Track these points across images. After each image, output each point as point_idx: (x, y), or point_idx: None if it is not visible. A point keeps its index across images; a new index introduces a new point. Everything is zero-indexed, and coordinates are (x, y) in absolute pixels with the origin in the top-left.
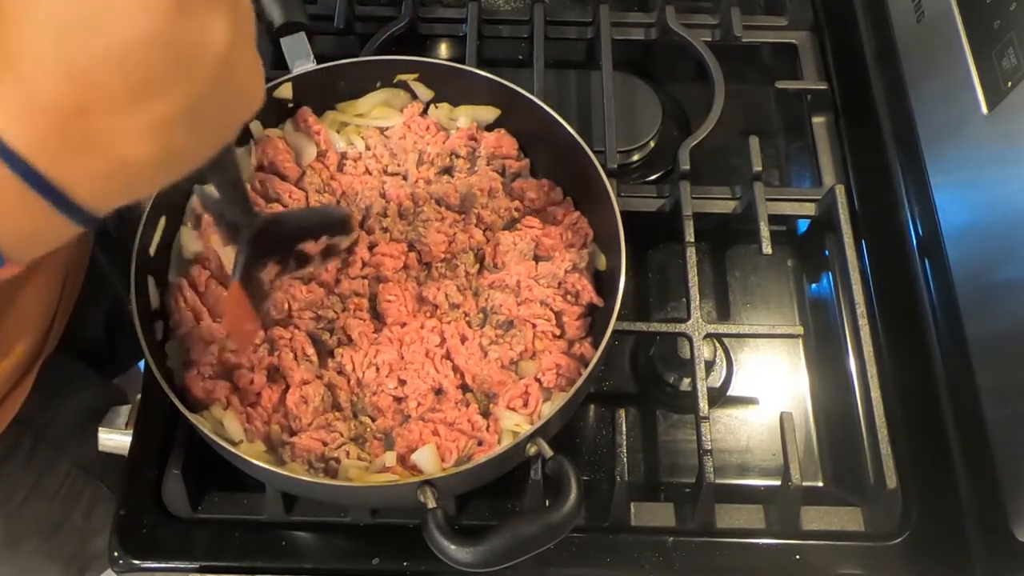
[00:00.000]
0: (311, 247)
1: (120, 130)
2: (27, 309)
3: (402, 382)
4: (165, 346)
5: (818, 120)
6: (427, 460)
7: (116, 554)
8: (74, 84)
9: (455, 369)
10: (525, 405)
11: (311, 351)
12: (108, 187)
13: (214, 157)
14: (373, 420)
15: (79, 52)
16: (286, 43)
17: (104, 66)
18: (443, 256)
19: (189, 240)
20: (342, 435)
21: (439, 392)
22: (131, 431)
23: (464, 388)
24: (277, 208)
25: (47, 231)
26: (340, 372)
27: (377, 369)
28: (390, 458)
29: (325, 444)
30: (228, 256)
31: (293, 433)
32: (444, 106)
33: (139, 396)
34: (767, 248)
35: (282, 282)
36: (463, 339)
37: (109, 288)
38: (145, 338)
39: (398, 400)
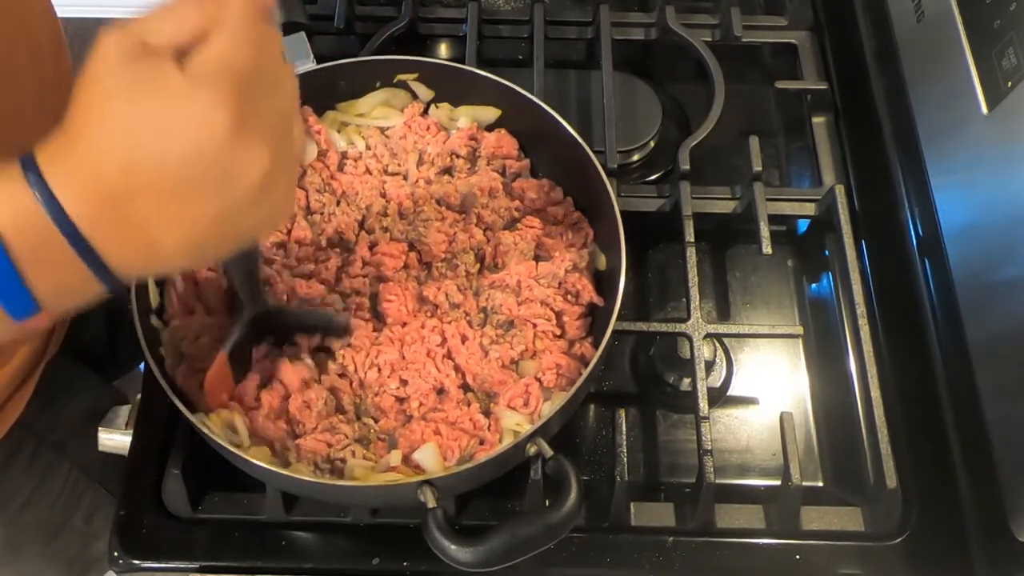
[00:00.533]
0: (304, 340)
1: (157, 219)
2: None
3: (404, 382)
4: (161, 340)
5: (818, 120)
6: (429, 458)
7: (116, 554)
8: (128, 174)
9: (456, 369)
10: (526, 404)
11: (309, 361)
12: (138, 261)
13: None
14: (376, 421)
15: (140, 149)
16: (286, 43)
17: (157, 166)
18: (443, 256)
19: None
20: (347, 436)
21: (441, 392)
22: (131, 431)
23: (465, 388)
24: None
25: (79, 289)
26: (342, 375)
27: (379, 370)
28: (395, 457)
29: (330, 446)
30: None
31: (297, 436)
32: (445, 106)
33: (139, 396)
34: (767, 248)
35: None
36: (464, 339)
37: None
38: (145, 337)
39: (400, 400)
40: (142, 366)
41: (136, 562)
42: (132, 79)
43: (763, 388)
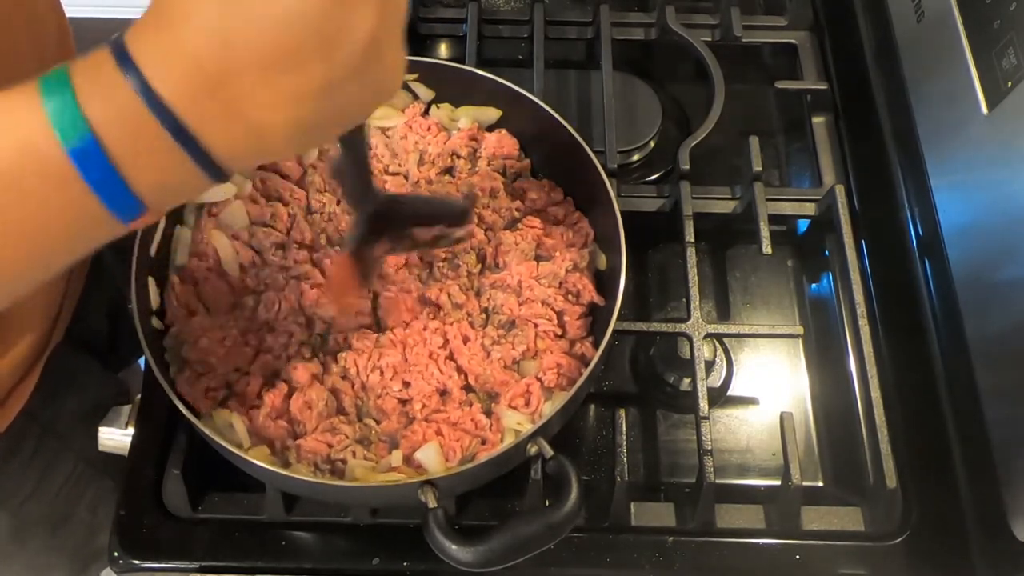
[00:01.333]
0: (423, 233)
1: (260, 97)
2: (34, 300)
3: (406, 384)
4: (164, 343)
5: (818, 120)
6: (431, 458)
7: (116, 554)
8: (227, 49)
9: (459, 370)
10: (527, 404)
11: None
12: (243, 148)
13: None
14: (378, 423)
15: (237, 21)
16: None
17: (257, 37)
18: (445, 255)
19: (186, 240)
20: (347, 437)
21: (443, 393)
22: (131, 431)
23: (467, 388)
24: (287, 206)
25: (183, 183)
26: (344, 376)
27: (381, 372)
28: (396, 458)
29: (330, 446)
30: (225, 253)
31: (297, 436)
32: (445, 106)
33: (139, 396)
34: (767, 248)
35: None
36: (465, 340)
37: (111, 279)
38: (145, 337)
39: (403, 402)
40: (142, 362)
41: (136, 562)
42: None
43: (763, 388)
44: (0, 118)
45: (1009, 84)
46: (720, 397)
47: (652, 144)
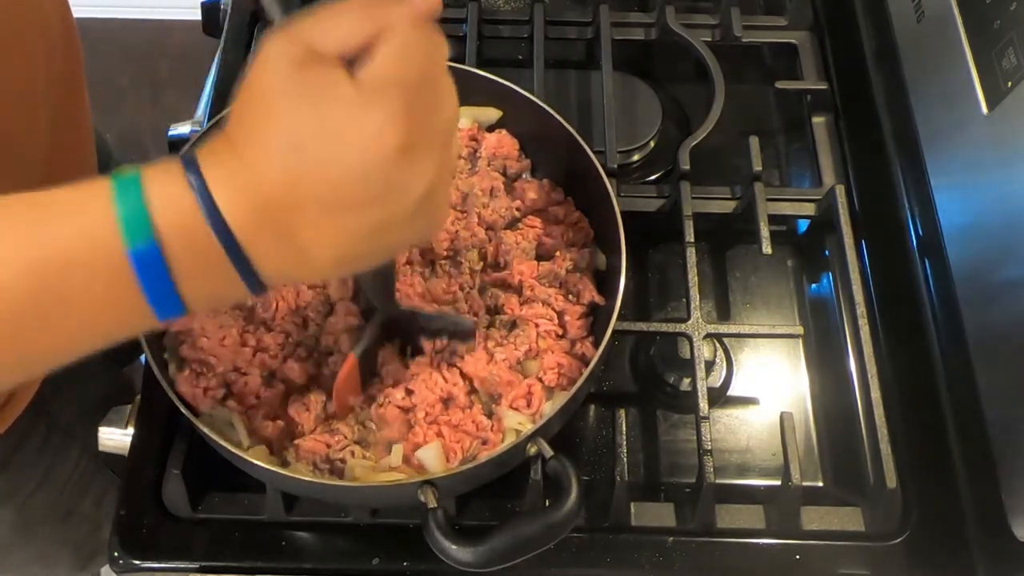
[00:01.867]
0: (430, 344)
1: (315, 231)
2: None
3: (409, 392)
4: (163, 342)
5: (818, 120)
6: (432, 457)
7: (116, 554)
8: (295, 186)
9: (463, 375)
10: (528, 405)
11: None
12: (288, 272)
13: None
14: (379, 430)
15: (309, 161)
16: None
17: (326, 179)
18: (446, 253)
19: None
20: (346, 437)
21: (447, 400)
22: (131, 431)
23: (472, 392)
24: None
25: (225, 293)
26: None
27: (381, 379)
28: (396, 457)
29: (329, 446)
30: None
31: (295, 437)
32: None
33: (139, 396)
34: (767, 248)
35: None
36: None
37: None
38: (145, 336)
39: (405, 411)
40: (143, 359)
41: (136, 562)
42: (303, 88)
43: (763, 388)
44: (68, 205)
45: (1009, 84)
46: (720, 397)
47: (652, 144)
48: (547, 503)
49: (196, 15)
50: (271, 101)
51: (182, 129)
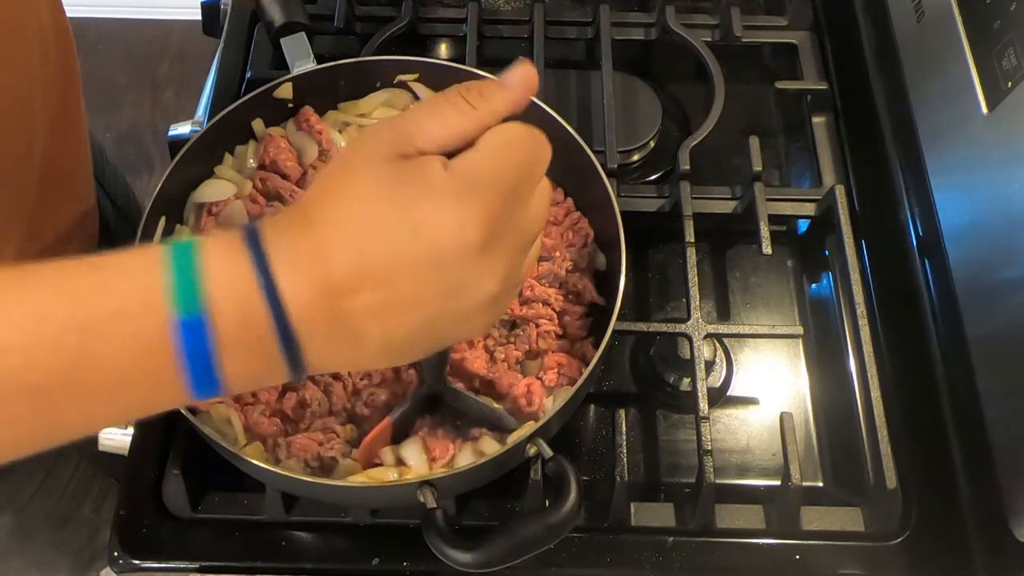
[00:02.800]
0: (469, 427)
1: (371, 317)
2: None
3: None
4: None
5: (818, 120)
6: (413, 454)
7: (116, 554)
8: (362, 271)
9: (465, 376)
10: (528, 405)
11: None
12: (334, 359)
13: None
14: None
15: (383, 248)
16: (286, 44)
17: (395, 267)
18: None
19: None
20: (338, 435)
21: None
22: (131, 431)
23: (474, 392)
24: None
25: (263, 376)
26: (336, 377)
27: (370, 377)
28: (388, 457)
29: (320, 444)
30: None
31: (290, 434)
32: None
33: None
34: (767, 248)
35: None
36: (471, 344)
37: None
38: None
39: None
40: None
41: (136, 562)
42: (396, 175)
43: (763, 388)
44: (119, 270)
45: (1009, 84)
46: (720, 397)
47: (652, 144)
48: (547, 503)
49: (196, 15)
50: (358, 181)
51: (182, 129)
